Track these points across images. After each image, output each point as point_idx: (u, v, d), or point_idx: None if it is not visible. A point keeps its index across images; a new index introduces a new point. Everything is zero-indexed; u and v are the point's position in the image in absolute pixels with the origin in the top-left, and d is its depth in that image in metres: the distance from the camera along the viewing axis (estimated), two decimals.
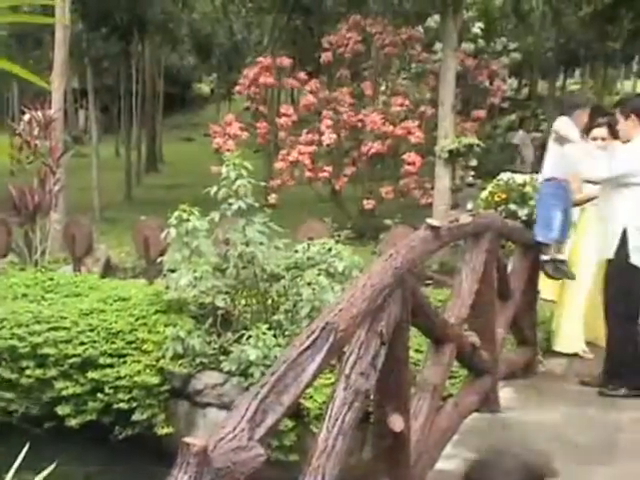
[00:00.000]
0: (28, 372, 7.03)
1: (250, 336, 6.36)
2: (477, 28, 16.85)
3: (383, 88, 15.32)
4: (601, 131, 6.44)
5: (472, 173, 12.53)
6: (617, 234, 5.60)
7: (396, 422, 3.28)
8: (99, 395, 6.86)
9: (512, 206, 6.79)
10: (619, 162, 5.68)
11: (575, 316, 6.70)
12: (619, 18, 21.21)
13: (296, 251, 7.38)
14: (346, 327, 2.67)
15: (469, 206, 9.25)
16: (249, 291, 7.07)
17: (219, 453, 1.97)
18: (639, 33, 22.59)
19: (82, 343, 7.03)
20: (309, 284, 6.61)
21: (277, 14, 19.15)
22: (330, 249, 7.21)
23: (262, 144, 15.87)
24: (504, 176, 7.20)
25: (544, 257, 6.12)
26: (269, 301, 7.08)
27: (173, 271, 7.15)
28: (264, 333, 6.34)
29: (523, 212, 6.68)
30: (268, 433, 2.21)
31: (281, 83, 15.65)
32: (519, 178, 7.19)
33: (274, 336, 6.47)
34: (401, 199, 13.68)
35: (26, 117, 10.29)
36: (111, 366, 6.90)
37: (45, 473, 3.27)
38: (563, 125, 5.92)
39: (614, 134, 6.27)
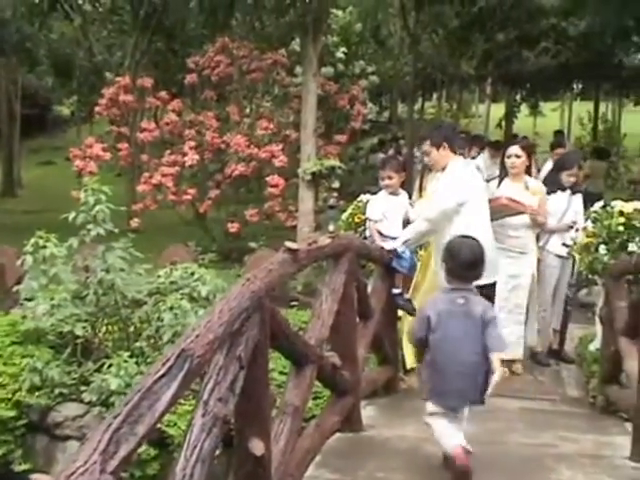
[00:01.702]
0: None
1: (111, 365, 6.22)
2: (341, 53, 17.18)
3: (248, 111, 15.38)
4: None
5: (335, 195, 12.73)
6: None
7: (257, 446, 3.27)
8: None
9: None
10: (443, 197, 6.00)
11: None
12: (471, 40, 22.20)
13: (159, 276, 7.28)
14: (203, 353, 2.66)
15: (331, 228, 9.40)
16: (110, 318, 6.90)
17: None
18: (492, 55, 23.71)
19: None
20: (171, 309, 6.53)
21: (138, 36, 18.89)
22: (193, 273, 7.16)
23: (124, 167, 15.58)
24: (364, 198, 7.35)
25: (395, 290, 6.37)
26: (131, 328, 6.94)
27: (30, 300, 6.91)
28: (125, 361, 6.20)
29: None
30: (122, 465, 2.17)
31: (143, 104, 15.42)
32: None
33: (136, 364, 6.33)
34: (266, 221, 13.74)
35: None
36: None
37: None
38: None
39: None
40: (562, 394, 6.78)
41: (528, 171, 7.28)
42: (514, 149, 7.14)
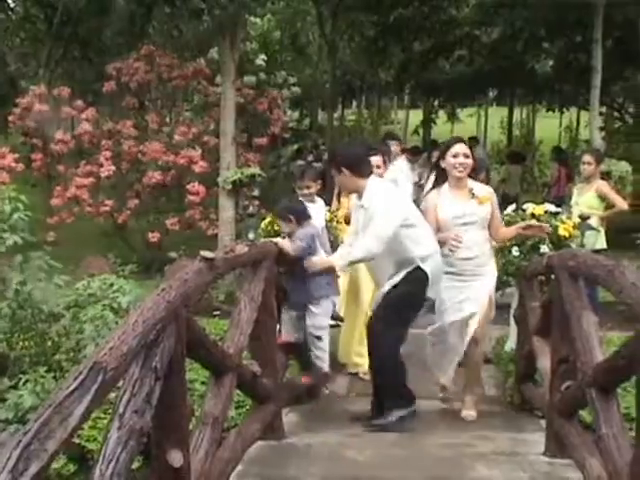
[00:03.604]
0: None
1: (27, 380, 6.08)
2: (261, 60, 17.17)
3: (168, 120, 15.25)
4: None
5: (256, 203, 12.69)
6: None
7: (175, 458, 3.26)
8: None
9: None
10: (387, 217, 5.41)
11: (356, 336, 7.01)
12: (389, 49, 22.55)
13: (77, 289, 7.16)
14: (117, 365, 2.63)
15: (251, 236, 9.37)
16: (26, 333, 6.75)
17: None
18: (409, 64, 24.10)
19: None
20: (91, 321, 6.43)
21: (53, 45, 18.54)
22: (112, 284, 7.06)
23: (39, 178, 15.24)
24: None
25: None
26: (49, 342, 6.80)
27: None
28: (42, 376, 6.07)
29: None
30: None
31: (59, 113, 15.09)
32: None
33: (54, 378, 6.21)
34: (187, 231, 13.63)
35: None
36: None
37: None
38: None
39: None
40: (481, 394, 6.90)
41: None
42: (462, 147, 5.76)
